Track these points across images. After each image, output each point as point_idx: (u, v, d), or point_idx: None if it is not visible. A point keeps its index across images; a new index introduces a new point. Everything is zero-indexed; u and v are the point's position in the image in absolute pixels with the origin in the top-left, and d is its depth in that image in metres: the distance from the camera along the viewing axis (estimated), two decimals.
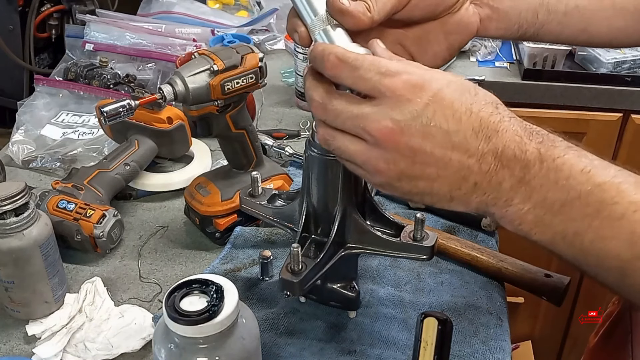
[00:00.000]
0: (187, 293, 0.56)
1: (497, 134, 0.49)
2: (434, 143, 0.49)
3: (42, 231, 0.77)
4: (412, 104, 0.48)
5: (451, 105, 0.49)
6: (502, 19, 0.71)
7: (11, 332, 0.80)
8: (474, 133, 0.49)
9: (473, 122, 0.49)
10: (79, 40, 1.39)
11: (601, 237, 0.49)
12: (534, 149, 0.49)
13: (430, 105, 0.48)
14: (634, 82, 1.43)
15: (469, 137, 0.49)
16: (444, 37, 0.69)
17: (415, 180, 0.51)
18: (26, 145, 1.12)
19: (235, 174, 0.94)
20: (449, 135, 0.48)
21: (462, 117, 0.49)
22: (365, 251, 0.71)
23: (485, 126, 0.49)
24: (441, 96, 0.48)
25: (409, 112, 0.48)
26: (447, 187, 0.51)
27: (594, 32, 0.77)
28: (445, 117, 0.48)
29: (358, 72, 0.50)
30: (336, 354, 0.74)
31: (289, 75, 1.41)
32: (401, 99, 0.48)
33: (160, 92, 0.80)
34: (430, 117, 0.48)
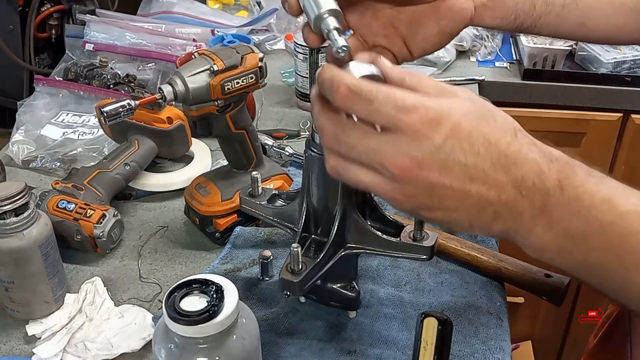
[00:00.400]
0: (187, 293, 0.56)
1: (515, 165, 0.48)
2: (452, 177, 0.48)
3: (42, 231, 0.77)
4: (430, 140, 0.47)
5: (469, 137, 0.48)
6: (498, 7, 0.71)
7: (11, 332, 0.80)
8: (492, 165, 0.48)
9: (491, 153, 0.48)
10: (79, 40, 1.39)
11: (625, 267, 0.49)
12: (553, 178, 0.48)
13: (448, 140, 0.47)
14: (634, 82, 1.43)
15: (487, 169, 0.48)
16: (436, 21, 0.69)
17: (433, 210, 0.51)
18: (26, 145, 1.12)
19: (235, 174, 0.94)
20: (467, 169, 0.48)
21: (480, 150, 0.48)
22: (365, 251, 0.71)
23: (504, 157, 0.48)
24: (459, 129, 0.47)
25: (427, 148, 0.47)
26: (466, 217, 0.50)
27: (592, 27, 0.76)
28: (463, 151, 0.48)
29: (373, 106, 0.48)
30: (336, 354, 0.74)
31: (289, 75, 1.41)
32: (419, 135, 0.47)
33: (160, 92, 0.80)
34: (448, 151, 0.47)
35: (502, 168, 0.48)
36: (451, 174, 0.48)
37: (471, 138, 0.48)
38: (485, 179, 0.48)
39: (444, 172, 0.48)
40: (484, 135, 0.48)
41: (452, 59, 1.48)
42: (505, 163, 0.48)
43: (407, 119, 0.47)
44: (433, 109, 0.47)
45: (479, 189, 0.48)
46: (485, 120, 0.49)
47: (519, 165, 0.48)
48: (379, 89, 0.48)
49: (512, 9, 0.72)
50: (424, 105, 0.47)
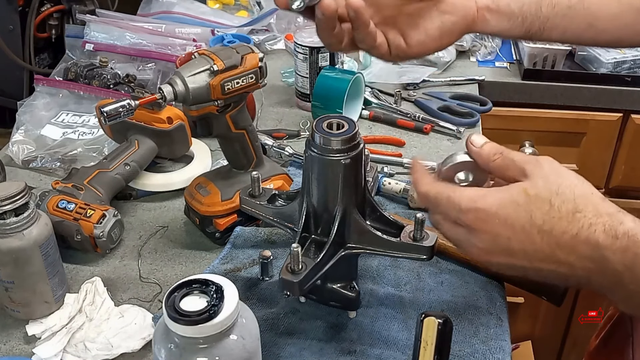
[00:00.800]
0: (187, 293, 0.56)
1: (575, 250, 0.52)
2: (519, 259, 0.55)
3: (42, 231, 0.77)
4: (486, 234, 0.55)
5: (522, 229, 0.54)
6: (503, 10, 0.72)
7: (11, 332, 0.80)
8: (551, 250, 0.53)
9: (548, 240, 0.53)
10: (79, 40, 1.39)
11: None
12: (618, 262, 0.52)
13: (502, 234, 0.54)
14: (634, 82, 1.43)
15: (548, 254, 0.53)
16: (438, 15, 0.71)
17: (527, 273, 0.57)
18: (26, 145, 1.12)
19: (235, 174, 0.94)
20: (527, 254, 0.54)
21: (535, 239, 0.53)
22: (365, 251, 0.71)
23: (562, 244, 0.53)
24: (510, 224, 0.54)
25: (487, 240, 0.55)
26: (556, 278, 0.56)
27: (600, 27, 0.77)
28: (519, 241, 0.54)
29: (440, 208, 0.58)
30: (336, 354, 0.74)
31: (289, 75, 1.41)
32: (477, 231, 0.55)
33: (160, 92, 0.80)
34: (505, 242, 0.54)
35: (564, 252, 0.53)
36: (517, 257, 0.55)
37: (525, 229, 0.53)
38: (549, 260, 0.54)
39: (509, 256, 0.55)
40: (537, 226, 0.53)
41: (452, 59, 1.48)
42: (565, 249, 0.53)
43: (465, 219, 0.56)
44: (484, 208, 0.55)
45: (547, 266, 0.54)
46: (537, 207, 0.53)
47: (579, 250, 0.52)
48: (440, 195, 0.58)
49: (518, 12, 0.72)
50: (475, 207, 0.55)
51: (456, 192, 0.57)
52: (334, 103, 1.16)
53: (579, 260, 0.53)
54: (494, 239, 0.55)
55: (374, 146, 1.16)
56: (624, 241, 0.51)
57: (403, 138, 1.19)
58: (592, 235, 0.52)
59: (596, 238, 0.51)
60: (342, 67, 1.34)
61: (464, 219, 0.56)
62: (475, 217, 0.55)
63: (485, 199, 0.55)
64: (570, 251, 0.52)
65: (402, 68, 1.44)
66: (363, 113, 1.26)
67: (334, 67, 1.26)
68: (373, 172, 0.97)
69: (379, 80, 1.39)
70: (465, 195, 0.56)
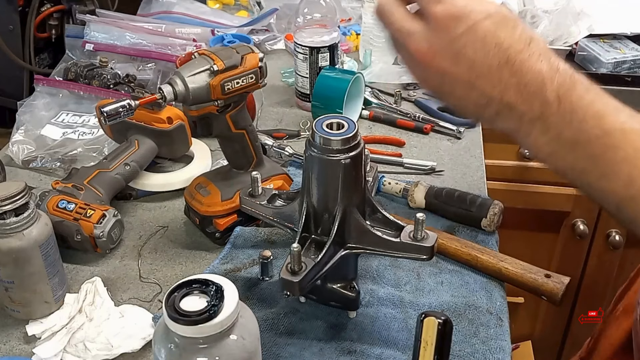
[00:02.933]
0: (187, 293, 0.56)
1: (521, 72, 0.54)
2: (461, 69, 0.55)
3: (42, 231, 0.77)
4: (448, 32, 0.54)
5: (483, 38, 0.54)
6: None
7: (11, 332, 0.80)
8: (499, 66, 0.54)
9: (500, 56, 0.54)
10: (79, 40, 1.38)
11: (603, 175, 0.55)
12: (553, 90, 0.54)
13: (463, 36, 0.54)
14: (634, 82, 1.43)
15: (493, 69, 0.54)
16: None
17: (444, 95, 0.58)
18: (26, 145, 1.12)
19: (235, 174, 0.94)
20: (475, 65, 0.54)
21: (490, 51, 0.54)
22: (365, 251, 0.71)
23: (512, 62, 0.54)
24: (475, 29, 0.54)
25: (444, 39, 0.55)
26: (473, 108, 0.57)
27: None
28: (474, 49, 0.54)
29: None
30: (336, 354, 0.74)
31: (289, 75, 1.41)
32: (440, 26, 0.54)
33: (160, 92, 0.80)
34: (461, 46, 0.54)
35: (509, 71, 0.54)
36: (461, 66, 0.55)
37: (485, 39, 0.54)
38: (490, 77, 0.54)
39: (454, 63, 0.55)
40: (497, 39, 0.54)
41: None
42: (512, 68, 0.54)
43: (435, 9, 0.54)
44: (459, 5, 0.54)
45: (483, 85, 0.55)
46: (504, 27, 0.54)
47: (524, 72, 0.54)
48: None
49: None
50: (452, 1, 0.54)
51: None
52: (334, 103, 1.16)
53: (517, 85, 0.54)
54: (452, 40, 0.54)
55: (374, 146, 1.16)
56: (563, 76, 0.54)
57: (403, 138, 1.19)
58: (539, 63, 0.54)
59: (541, 67, 0.54)
60: (342, 67, 1.34)
61: (433, 8, 0.55)
62: (446, 11, 0.54)
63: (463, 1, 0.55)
64: (515, 72, 0.54)
65: (403, 68, 1.44)
66: (363, 113, 1.26)
67: (334, 67, 1.26)
68: (373, 172, 0.97)
69: (379, 80, 1.39)
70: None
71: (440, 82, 0.57)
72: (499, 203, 0.93)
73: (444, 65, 0.55)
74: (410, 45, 0.56)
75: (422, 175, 1.09)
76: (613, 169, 0.55)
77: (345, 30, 1.56)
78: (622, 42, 1.49)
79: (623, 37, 1.50)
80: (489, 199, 0.95)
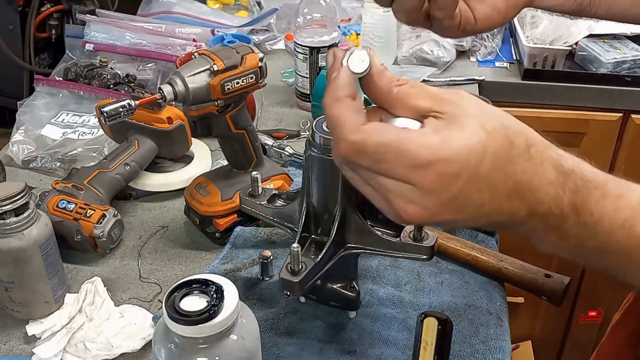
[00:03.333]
0: (187, 293, 0.56)
1: (530, 190, 0.46)
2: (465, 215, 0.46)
3: (42, 231, 0.77)
4: (447, 192, 0.44)
5: (488, 178, 0.45)
6: None
7: (11, 332, 0.80)
8: (508, 197, 0.46)
9: (508, 187, 0.45)
10: (79, 40, 1.38)
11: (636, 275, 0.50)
12: (569, 202, 0.47)
13: (465, 188, 0.44)
14: (634, 82, 1.43)
15: (503, 202, 0.46)
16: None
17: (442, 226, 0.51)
18: (26, 145, 1.12)
19: (235, 174, 0.94)
20: (483, 206, 0.46)
21: (497, 186, 0.45)
22: (365, 251, 0.71)
23: (519, 187, 0.46)
24: (477, 174, 0.44)
25: (443, 198, 0.45)
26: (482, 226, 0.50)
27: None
28: (479, 191, 0.45)
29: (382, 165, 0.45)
30: (336, 354, 0.74)
31: (289, 75, 1.41)
32: (435, 190, 0.44)
33: (160, 92, 0.80)
34: (463, 198, 0.45)
35: (518, 196, 0.46)
36: (465, 212, 0.46)
37: (490, 178, 0.45)
38: (500, 210, 0.46)
39: (458, 212, 0.46)
40: (501, 172, 0.45)
41: (452, 59, 1.48)
42: (521, 193, 0.46)
43: (423, 178, 0.44)
44: (452, 161, 0.44)
45: (492, 218, 0.47)
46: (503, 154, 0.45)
47: (534, 190, 0.46)
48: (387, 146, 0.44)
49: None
50: (439, 159, 0.43)
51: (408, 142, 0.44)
52: None
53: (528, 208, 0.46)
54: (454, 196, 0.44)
55: None
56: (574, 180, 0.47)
57: None
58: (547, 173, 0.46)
59: (550, 177, 0.46)
60: None
61: (420, 178, 0.44)
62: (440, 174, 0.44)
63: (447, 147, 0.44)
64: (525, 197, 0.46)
65: (402, 68, 1.44)
66: None
67: None
68: None
69: None
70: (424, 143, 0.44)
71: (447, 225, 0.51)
72: None
73: (445, 218, 0.46)
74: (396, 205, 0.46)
75: None
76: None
77: (345, 30, 1.56)
78: (622, 42, 1.49)
79: (623, 37, 1.50)
80: None
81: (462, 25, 0.72)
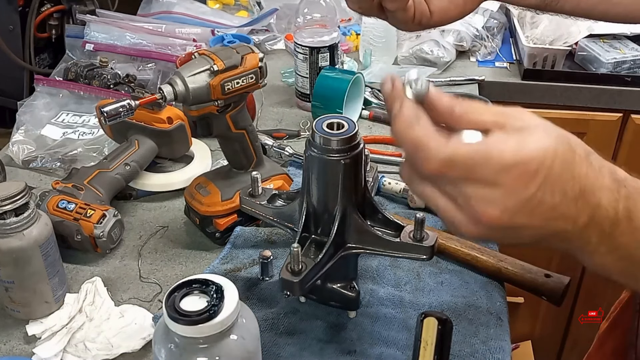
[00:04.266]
0: (187, 293, 0.56)
1: (593, 193, 0.48)
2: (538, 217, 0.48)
3: (42, 231, 0.77)
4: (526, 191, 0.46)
5: (559, 179, 0.47)
6: None
7: (11, 332, 0.80)
8: (574, 200, 0.48)
9: (575, 190, 0.48)
10: (79, 40, 1.39)
11: None
12: (623, 207, 0.48)
13: (541, 188, 0.47)
14: (634, 82, 1.43)
15: (571, 205, 0.48)
16: None
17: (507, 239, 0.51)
18: (26, 145, 1.12)
19: (235, 174, 0.94)
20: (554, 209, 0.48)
21: (566, 189, 0.47)
22: (365, 251, 0.71)
23: (584, 191, 0.48)
24: (551, 174, 0.47)
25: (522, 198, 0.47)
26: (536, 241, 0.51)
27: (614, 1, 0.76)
28: (552, 193, 0.47)
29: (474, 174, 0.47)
30: (336, 354, 0.74)
31: (289, 75, 1.41)
32: (516, 189, 0.46)
33: (160, 92, 0.80)
34: (540, 198, 0.47)
35: (582, 200, 0.48)
36: (538, 215, 0.48)
37: (561, 179, 0.47)
38: (566, 214, 0.48)
39: (532, 216, 0.48)
40: (570, 173, 0.47)
41: (452, 59, 1.48)
42: (585, 196, 0.48)
43: (508, 178, 0.46)
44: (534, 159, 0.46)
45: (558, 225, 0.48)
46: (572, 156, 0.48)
47: (595, 193, 0.48)
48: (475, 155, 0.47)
49: None
50: (523, 160, 0.46)
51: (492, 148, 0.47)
52: (334, 103, 1.16)
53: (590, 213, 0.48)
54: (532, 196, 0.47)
55: (374, 146, 1.16)
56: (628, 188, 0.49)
57: None
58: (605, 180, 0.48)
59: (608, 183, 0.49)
60: (342, 67, 1.34)
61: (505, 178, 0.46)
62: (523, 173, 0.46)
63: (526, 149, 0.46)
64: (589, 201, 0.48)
65: (402, 68, 1.44)
66: (363, 113, 1.26)
67: (334, 67, 1.26)
68: (373, 172, 0.97)
69: (379, 80, 1.39)
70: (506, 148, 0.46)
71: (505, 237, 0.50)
72: None
73: (519, 222, 0.48)
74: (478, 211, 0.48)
75: None
76: None
77: (345, 30, 1.56)
78: (622, 42, 1.49)
79: (623, 37, 1.50)
80: None
81: (416, 18, 0.71)
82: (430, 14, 0.72)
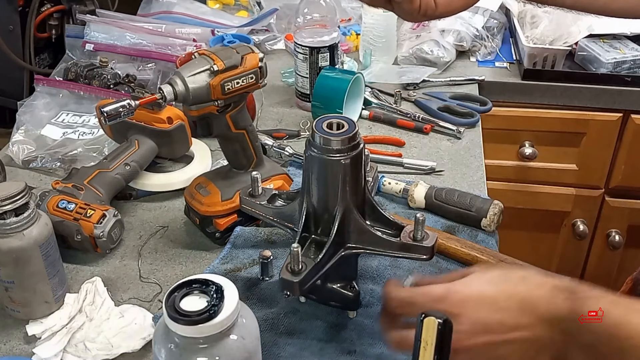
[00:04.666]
0: (187, 293, 0.56)
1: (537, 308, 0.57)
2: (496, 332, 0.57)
3: (42, 231, 0.77)
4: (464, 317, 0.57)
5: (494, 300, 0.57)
6: None
7: (11, 332, 0.80)
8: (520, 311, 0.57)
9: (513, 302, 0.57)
10: (79, 40, 1.39)
11: None
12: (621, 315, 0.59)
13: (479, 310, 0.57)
14: (634, 82, 1.43)
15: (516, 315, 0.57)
16: None
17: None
18: (26, 145, 1.12)
19: (235, 174, 0.94)
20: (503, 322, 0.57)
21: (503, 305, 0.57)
22: (365, 251, 0.71)
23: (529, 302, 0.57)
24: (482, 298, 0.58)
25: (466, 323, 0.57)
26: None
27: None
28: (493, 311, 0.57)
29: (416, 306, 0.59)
30: (336, 354, 0.74)
31: (289, 75, 1.41)
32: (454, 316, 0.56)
33: (160, 92, 0.80)
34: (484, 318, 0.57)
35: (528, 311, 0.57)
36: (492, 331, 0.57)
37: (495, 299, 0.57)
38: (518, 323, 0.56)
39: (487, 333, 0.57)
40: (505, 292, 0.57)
41: (452, 59, 1.48)
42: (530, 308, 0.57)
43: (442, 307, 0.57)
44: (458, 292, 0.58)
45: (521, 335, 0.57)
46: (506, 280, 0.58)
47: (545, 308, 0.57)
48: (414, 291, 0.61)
49: None
50: (449, 291, 0.58)
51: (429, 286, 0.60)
52: (334, 103, 1.16)
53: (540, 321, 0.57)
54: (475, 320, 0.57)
55: (374, 146, 1.16)
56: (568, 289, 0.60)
57: (403, 138, 1.19)
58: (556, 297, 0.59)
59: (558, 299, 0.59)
60: (342, 67, 1.34)
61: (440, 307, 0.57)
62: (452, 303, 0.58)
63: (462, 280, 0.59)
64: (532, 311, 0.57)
65: (402, 68, 1.44)
66: (363, 113, 1.26)
67: (334, 67, 1.26)
68: (373, 172, 0.97)
69: (379, 80, 1.39)
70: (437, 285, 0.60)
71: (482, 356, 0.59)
72: (499, 203, 0.93)
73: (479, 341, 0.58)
74: None
75: (422, 175, 1.09)
76: None
77: (345, 30, 1.56)
78: (622, 42, 1.49)
79: (623, 37, 1.50)
80: (488, 199, 0.95)
81: (422, 9, 0.73)
82: (435, 5, 0.73)
